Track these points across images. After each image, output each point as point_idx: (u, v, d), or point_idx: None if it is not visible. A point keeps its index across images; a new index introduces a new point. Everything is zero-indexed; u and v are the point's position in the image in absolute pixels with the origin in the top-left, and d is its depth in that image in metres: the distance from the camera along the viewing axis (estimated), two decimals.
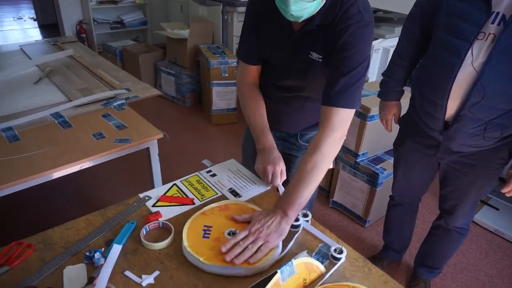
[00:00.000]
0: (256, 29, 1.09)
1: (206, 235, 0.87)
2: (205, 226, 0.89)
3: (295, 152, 1.28)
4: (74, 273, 0.79)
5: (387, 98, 1.48)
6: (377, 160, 2.06)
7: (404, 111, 1.49)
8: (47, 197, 2.25)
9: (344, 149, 2.09)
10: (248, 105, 1.16)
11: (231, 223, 0.92)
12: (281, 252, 0.85)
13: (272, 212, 0.89)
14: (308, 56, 1.02)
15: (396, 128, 1.54)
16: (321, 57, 1.00)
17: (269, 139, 1.12)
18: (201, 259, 0.80)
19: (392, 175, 1.63)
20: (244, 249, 0.82)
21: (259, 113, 1.15)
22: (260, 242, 0.84)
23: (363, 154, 2.03)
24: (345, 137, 0.98)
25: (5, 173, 1.23)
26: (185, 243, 0.84)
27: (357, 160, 2.03)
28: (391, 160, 2.04)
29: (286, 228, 0.88)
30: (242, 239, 0.84)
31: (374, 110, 1.86)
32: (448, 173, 1.39)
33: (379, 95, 1.50)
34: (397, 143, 1.52)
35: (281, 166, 1.07)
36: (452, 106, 1.17)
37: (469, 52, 1.08)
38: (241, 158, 1.41)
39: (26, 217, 2.10)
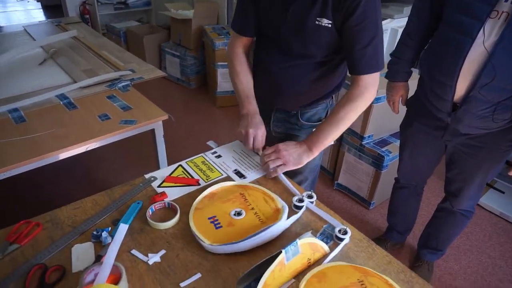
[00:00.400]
0: (254, 1, 1.09)
1: (218, 226, 0.86)
2: (209, 218, 0.88)
3: (296, 132, 1.28)
4: (82, 251, 0.80)
5: (394, 79, 1.46)
6: (383, 142, 2.05)
7: (412, 92, 1.47)
8: (54, 178, 2.28)
9: (349, 131, 2.08)
10: (236, 73, 1.19)
11: (229, 204, 0.92)
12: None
13: (298, 144, 1.05)
14: (315, 22, 1.01)
15: (403, 110, 1.52)
16: (330, 22, 1.00)
17: (253, 105, 1.16)
18: (207, 242, 0.81)
19: (398, 158, 1.63)
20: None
21: (246, 80, 1.19)
22: (279, 162, 1.01)
23: (369, 136, 2.02)
24: (375, 95, 1.07)
25: (13, 154, 1.24)
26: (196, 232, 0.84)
27: (363, 142, 2.02)
28: (396, 143, 2.03)
29: (305, 161, 1.04)
30: (268, 154, 1.01)
31: (381, 92, 1.84)
32: (455, 156, 1.38)
33: (386, 76, 1.48)
34: (404, 125, 1.50)
35: (263, 131, 1.12)
36: (461, 87, 1.15)
37: (481, 31, 1.05)
38: None
39: (34, 197, 2.14)
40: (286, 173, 1.05)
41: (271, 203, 0.93)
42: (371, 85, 1.04)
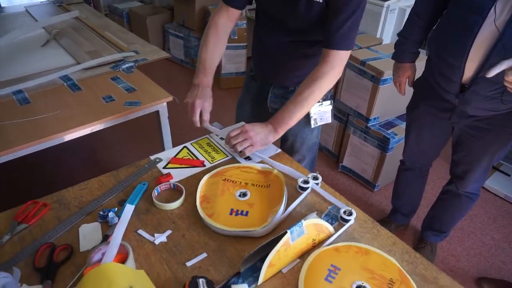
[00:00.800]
0: None
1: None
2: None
3: None
4: (89, 231, 0.81)
5: (401, 60, 1.43)
6: (389, 125, 2.03)
7: (419, 74, 1.44)
8: (60, 159, 2.30)
9: (355, 113, 2.06)
10: (206, 41, 1.16)
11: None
12: (283, 212, 0.86)
13: (264, 125, 1.04)
14: None
15: (409, 92, 1.50)
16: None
17: (208, 78, 1.13)
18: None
19: (403, 140, 1.62)
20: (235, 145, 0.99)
21: (212, 51, 1.15)
22: (246, 144, 1.00)
23: (375, 118, 2.00)
24: (340, 75, 1.06)
25: (18, 136, 1.24)
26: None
27: (368, 124, 2.01)
28: (402, 125, 2.01)
29: (271, 140, 1.04)
30: (235, 136, 1.00)
31: (388, 74, 1.81)
32: (461, 138, 1.36)
33: (393, 57, 1.45)
34: (410, 106, 1.49)
35: (210, 103, 1.10)
36: (470, 68, 1.13)
37: (492, 9, 1.02)
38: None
39: (41, 178, 2.16)
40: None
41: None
42: (339, 63, 1.03)
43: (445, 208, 1.62)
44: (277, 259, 0.72)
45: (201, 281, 0.66)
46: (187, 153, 1.06)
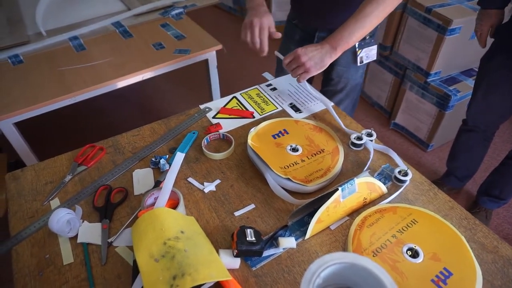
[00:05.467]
0: None
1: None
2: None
3: None
4: (142, 176, 0.84)
5: (488, 6, 1.26)
6: (451, 80, 1.86)
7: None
8: (114, 105, 2.39)
9: (414, 67, 1.91)
10: None
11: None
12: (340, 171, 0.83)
13: (319, 46, 0.93)
14: None
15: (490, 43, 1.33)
16: None
17: (262, 1, 1.04)
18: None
19: (465, 98, 1.48)
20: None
21: None
22: (300, 71, 0.93)
23: (436, 73, 1.84)
24: None
25: (76, 81, 1.29)
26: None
27: (428, 80, 1.85)
28: (467, 81, 1.84)
29: (328, 62, 0.93)
30: (288, 63, 0.94)
31: (456, 23, 1.63)
32: None
33: (479, 2, 1.29)
34: (486, 57, 1.33)
35: (270, 20, 1.00)
36: None
37: None
38: None
39: (97, 123, 2.28)
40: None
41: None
42: None
43: (508, 174, 1.50)
44: (326, 215, 0.71)
45: (249, 231, 0.67)
46: (237, 103, 1.04)
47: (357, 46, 1.16)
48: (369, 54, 1.19)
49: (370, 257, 0.66)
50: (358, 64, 1.19)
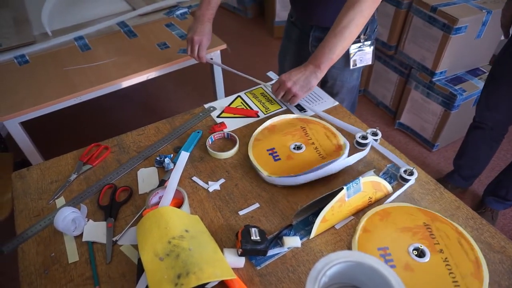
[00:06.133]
0: None
1: (277, 159, 0.85)
2: (268, 150, 0.87)
3: None
4: (146, 175, 0.84)
5: None
6: (457, 80, 1.85)
7: None
8: (119, 105, 2.40)
9: (419, 66, 1.90)
10: None
11: (289, 137, 0.90)
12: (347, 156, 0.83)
13: (302, 68, 0.94)
14: None
15: None
16: None
17: (211, 13, 1.14)
18: (265, 173, 0.81)
19: (472, 98, 1.46)
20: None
21: None
22: (288, 96, 0.96)
23: (441, 72, 1.82)
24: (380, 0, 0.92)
25: (81, 81, 1.29)
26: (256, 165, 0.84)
27: (433, 79, 1.84)
28: (473, 81, 1.83)
29: (314, 83, 0.94)
30: (277, 91, 0.97)
31: (462, 21, 1.62)
32: None
33: None
34: (503, 52, 1.31)
35: (208, 40, 1.15)
36: None
37: None
38: None
39: (102, 122, 2.28)
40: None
41: (332, 139, 0.89)
42: None
43: None
44: (331, 214, 0.70)
45: (253, 230, 0.67)
46: (241, 102, 1.04)
47: (350, 48, 1.14)
48: (364, 57, 1.17)
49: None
50: (351, 67, 1.17)
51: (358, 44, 1.14)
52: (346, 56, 1.15)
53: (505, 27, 1.32)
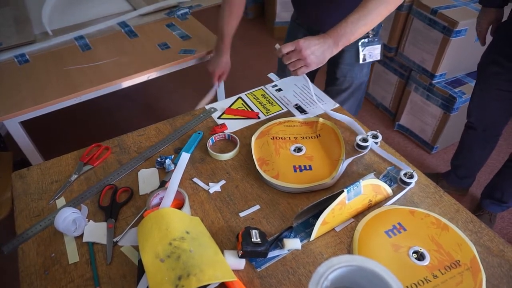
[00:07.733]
0: None
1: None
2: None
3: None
4: (147, 176, 0.84)
5: (487, 4, 1.27)
6: (456, 82, 1.85)
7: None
8: (119, 105, 2.40)
9: (419, 69, 1.90)
10: (224, 11, 1.25)
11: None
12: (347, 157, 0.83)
13: (322, 38, 0.89)
14: None
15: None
16: None
17: (226, 44, 1.29)
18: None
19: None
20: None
21: (231, 23, 1.27)
22: (299, 65, 0.89)
23: (441, 75, 1.83)
24: None
25: (82, 81, 1.29)
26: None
27: (433, 81, 1.85)
28: (472, 83, 1.83)
29: (328, 57, 0.90)
30: (288, 55, 0.88)
31: (462, 24, 1.62)
32: None
33: (480, 1, 1.30)
34: (485, 56, 1.34)
35: (228, 69, 1.35)
36: None
37: None
38: None
39: (102, 123, 2.28)
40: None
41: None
42: None
43: (510, 177, 1.49)
44: (331, 217, 0.70)
45: (254, 232, 0.67)
46: (242, 104, 1.04)
47: (359, 43, 1.16)
48: (372, 53, 1.19)
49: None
50: (361, 61, 1.19)
51: (367, 39, 1.15)
52: (356, 51, 1.16)
53: (482, 36, 1.34)
